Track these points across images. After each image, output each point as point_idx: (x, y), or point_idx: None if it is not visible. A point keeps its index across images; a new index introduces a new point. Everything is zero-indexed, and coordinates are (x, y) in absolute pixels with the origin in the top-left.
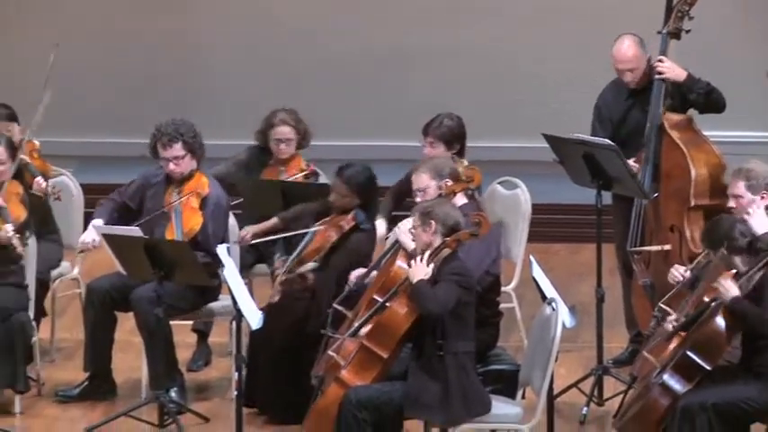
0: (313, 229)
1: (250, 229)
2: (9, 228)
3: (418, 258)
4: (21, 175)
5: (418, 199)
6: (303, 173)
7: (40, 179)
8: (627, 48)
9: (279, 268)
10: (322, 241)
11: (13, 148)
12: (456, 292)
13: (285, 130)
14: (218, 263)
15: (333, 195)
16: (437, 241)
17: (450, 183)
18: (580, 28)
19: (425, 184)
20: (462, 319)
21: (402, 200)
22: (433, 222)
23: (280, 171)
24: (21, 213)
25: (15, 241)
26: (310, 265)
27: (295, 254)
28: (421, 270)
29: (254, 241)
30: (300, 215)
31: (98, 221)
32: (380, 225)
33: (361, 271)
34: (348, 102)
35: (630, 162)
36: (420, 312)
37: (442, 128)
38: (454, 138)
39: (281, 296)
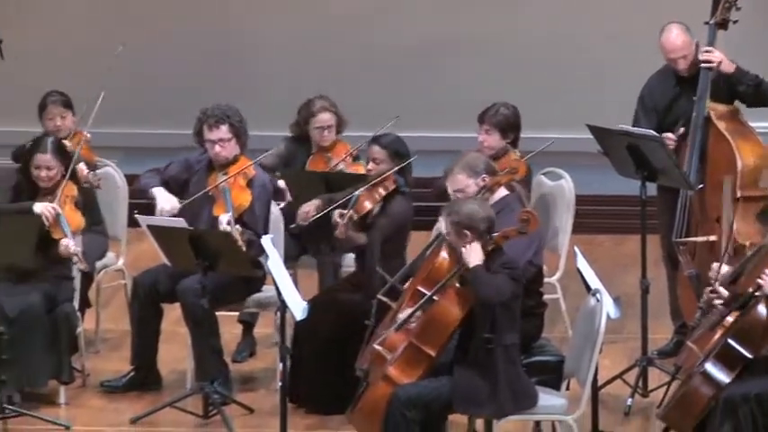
0: (357, 193)
1: (307, 206)
2: (70, 244)
3: (476, 245)
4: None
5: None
6: (351, 155)
7: (82, 165)
8: (676, 36)
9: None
10: (373, 200)
11: (62, 153)
12: (510, 284)
13: (327, 117)
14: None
15: (369, 164)
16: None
17: (487, 178)
18: (624, 17)
19: (464, 184)
20: (512, 311)
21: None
22: (467, 232)
23: (327, 158)
24: (79, 221)
25: (76, 257)
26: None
27: (350, 207)
28: (476, 253)
29: (311, 219)
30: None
31: (160, 189)
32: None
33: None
34: (392, 92)
35: (669, 135)
36: (478, 299)
37: (498, 116)
38: (510, 126)
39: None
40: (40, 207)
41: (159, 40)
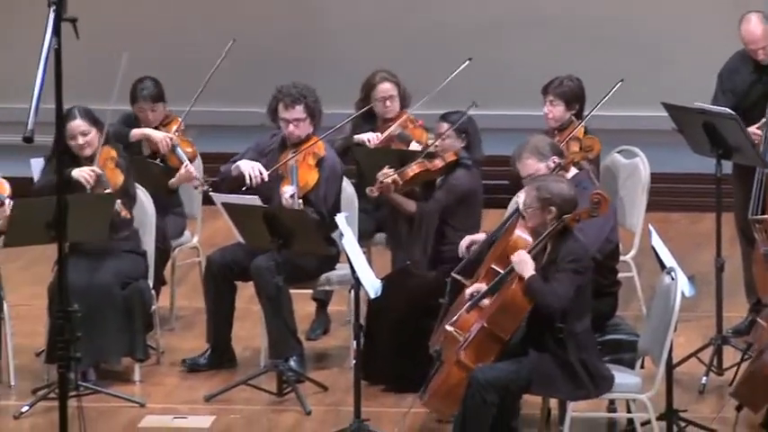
0: (419, 160)
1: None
2: (98, 174)
3: (521, 253)
4: (154, 152)
5: None
6: (411, 121)
7: (189, 167)
8: (754, 26)
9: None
10: (423, 167)
11: (92, 117)
12: (574, 281)
13: (388, 87)
14: (327, 225)
15: (437, 140)
16: (554, 221)
17: (557, 158)
18: None
19: (534, 168)
20: (581, 301)
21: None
22: (553, 208)
23: (388, 127)
24: (118, 178)
25: (118, 207)
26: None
27: (398, 171)
28: (527, 264)
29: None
30: None
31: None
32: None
33: (472, 238)
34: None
35: (753, 129)
36: (539, 309)
37: (563, 86)
38: (574, 97)
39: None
40: (78, 172)
41: (234, 18)
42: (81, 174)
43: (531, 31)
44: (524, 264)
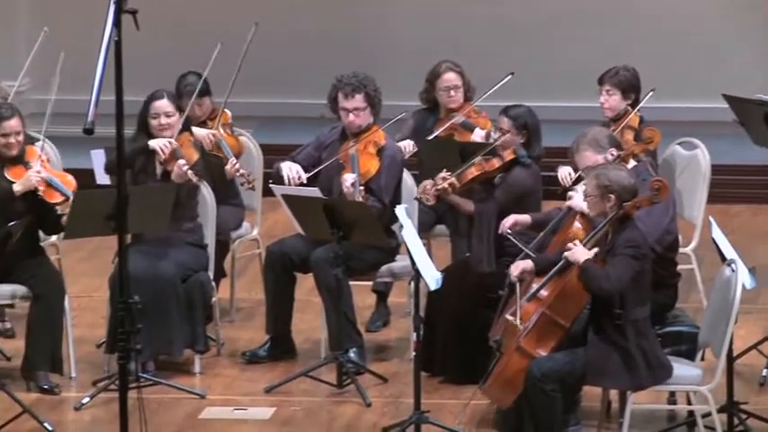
0: (475, 159)
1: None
2: (182, 162)
3: (576, 243)
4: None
5: None
6: (475, 111)
7: (234, 161)
8: None
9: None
10: (480, 168)
11: (177, 102)
12: (631, 266)
13: (452, 77)
14: (388, 214)
15: (497, 134)
16: (614, 209)
17: (615, 151)
18: None
19: (592, 160)
20: (640, 287)
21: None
22: (612, 196)
23: (451, 118)
24: (194, 155)
25: (189, 174)
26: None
27: (457, 171)
28: (582, 252)
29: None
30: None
31: (284, 163)
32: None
33: (516, 218)
34: (519, 62)
35: None
36: (593, 292)
37: (619, 76)
38: (630, 87)
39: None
40: (155, 142)
41: (292, 11)
42: (158, 143)
43: (588, 22)
44: (577, 252)
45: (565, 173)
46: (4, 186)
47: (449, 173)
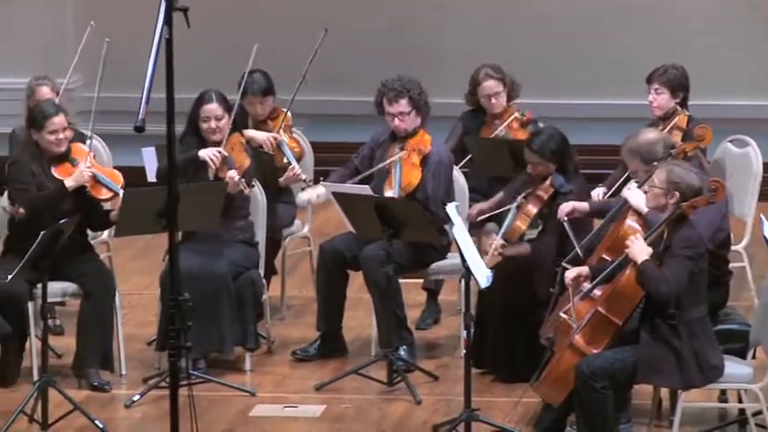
0: (515, 204)
1: (478, 206)
2: (233, 173)
3: (638, 237)
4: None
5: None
6: (518, 120)
7: (296, 168)
8: None
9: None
10: (524, 220)
11: (226, 101)
12: (687, 266)
13: (491, 84)
14: (439, 222)
15: (529, 167)
16: (674, 206)
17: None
18: None
19: (635, 168)
20: (696, 287)
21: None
22: (677, 193)
23: (496, 125)
24: (245, 161)
25: (242, 185)
26: (515, 248)
27: (501, 232)
28: (642, 249)
29: (480, 218)
30: (521, 187)
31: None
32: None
33: (574, 204)
34: (565, 59)
35: None
36: (650, 295)
37: (668, 74)
38: (679, 86)
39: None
40: (205, 152)
41: (344, 9)
42: (207, 154)
43: (635, 19)
44: (639, 250)
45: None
46: (53, 184)
47: (495, 237)
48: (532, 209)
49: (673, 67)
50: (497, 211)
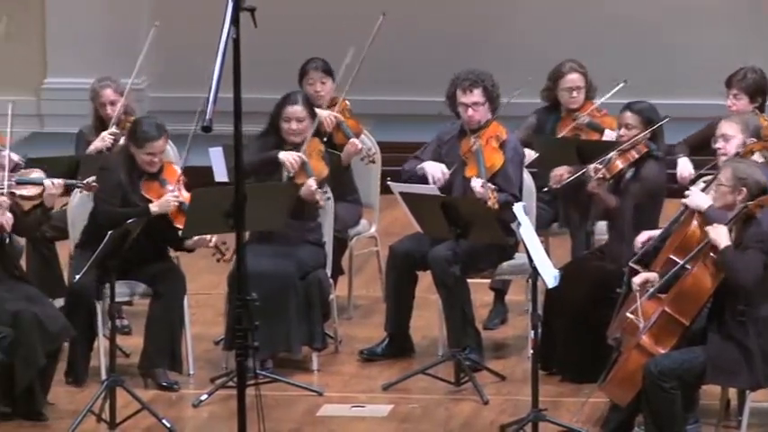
0: (609, 156)
1: (564, 168)
2: (312, 182)
3: (720, 226)
4: (321, 132)
5: (718, 144)
6: (598, 110)
7: (355, 141)
8: None
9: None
10: (625, 160)
11: (311, 106)
12: (762, 259)
13: (575, 78)
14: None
15: (621, 130)
16: (740, 205)
17: (751, 141)
18: None
19: (732, 133)
20: (765, 283)
21: (696, 152)
22: (744, 189)
23: (575, 117)
24: (323, 169)
25: (318, 195)
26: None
27: (604, 163)
28: (724, 234)
29: (564, 182)
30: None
31: (426, 162)
32: (683, 162)
33: (649, 234)
34: (637, 59)
35: None
36: (731, 282)
37: (747, 80)
38: (758, 90)
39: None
40: (284, 155)
41: (410, 9)
42: (287, 157)
43: (711, 19)
44: (721, 235)
45: (685, 170)
46: (137, 197)
47: (599, 164)
48: (634, 154)
49: (752, 70)
50: (578, 174)
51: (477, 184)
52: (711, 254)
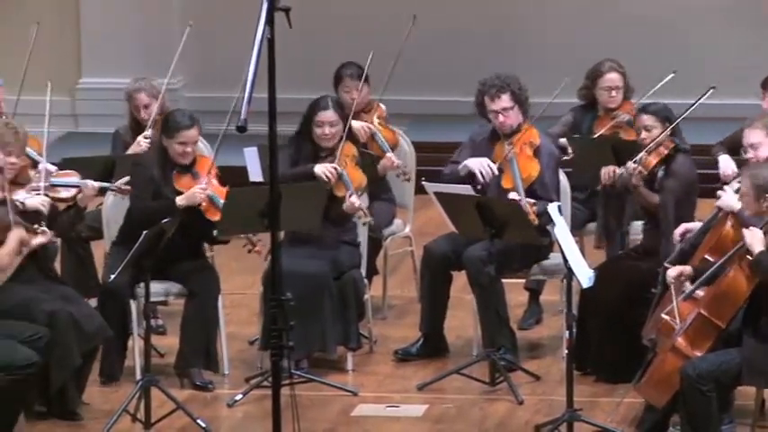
0: (640, 155)
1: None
2: (355, 199)
3: (756, 230)
4: (356, 139)
5: (749, 154)
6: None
7: (391, 156)
8: None
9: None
10: (657, 155)
11: (342, 109)
12: None
13: (614, 77)
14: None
15: (642, 133)
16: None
17: None
18: None
19: (759, 140)
20: None
21: (734, 153)
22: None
23: (612, 116)
24: (361, 178)
25: (361, 212)
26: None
27: (639, 161)
28: (759, 238)
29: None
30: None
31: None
32: (724, 160)
33: (686, 226)
34: (667, 58)
35: None
36: (766, 285)
37: None
38: None
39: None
40: (320, 168)
41: (445, 9)
42: (323, 170)
43: (736, 18)
44: (756, 239)
45: (727, 168)
46: (170, 191)
47: (634, 163)
48: (663, 150)
49: None
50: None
51: (520, 201)
52: (747, 256)
